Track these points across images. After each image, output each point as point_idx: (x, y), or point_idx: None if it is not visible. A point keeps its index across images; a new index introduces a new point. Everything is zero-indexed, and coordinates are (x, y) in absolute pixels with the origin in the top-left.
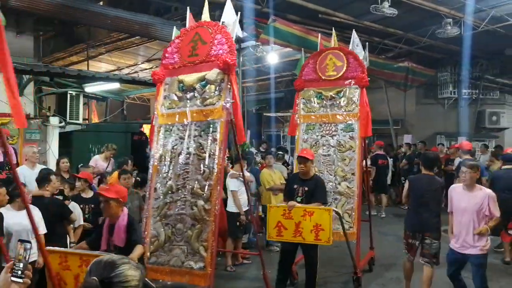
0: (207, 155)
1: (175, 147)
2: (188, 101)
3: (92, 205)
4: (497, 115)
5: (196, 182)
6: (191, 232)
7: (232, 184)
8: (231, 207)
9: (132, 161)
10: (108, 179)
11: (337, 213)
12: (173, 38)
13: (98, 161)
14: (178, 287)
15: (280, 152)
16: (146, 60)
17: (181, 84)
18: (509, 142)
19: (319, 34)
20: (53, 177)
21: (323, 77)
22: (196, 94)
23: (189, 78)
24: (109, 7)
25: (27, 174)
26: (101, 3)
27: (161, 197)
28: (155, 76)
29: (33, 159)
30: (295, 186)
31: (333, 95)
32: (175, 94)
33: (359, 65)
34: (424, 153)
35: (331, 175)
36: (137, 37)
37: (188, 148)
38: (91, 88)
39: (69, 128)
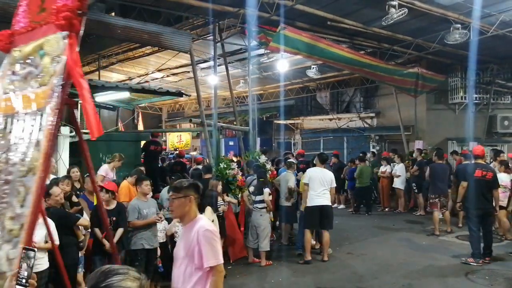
0: (26, 168)
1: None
2: (21, 81)
3: (114, 218)
4: (508, 120)
5: (10, 210)
6: None
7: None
8: None
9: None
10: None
11: None
12: None
13: (108, 171)
14: None
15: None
16: (157, 70)
17: (18, 57)
18: None
19: None
20: (54, 190)
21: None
22: (31, 70)
23: (27, 47)
24: (120, 17)
25: None
26: (112, 13)
27: None
28: None
29: (52, 169)
30: None
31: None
32: (13, 72)
33: None
34: (437, 149)
35: None
36: (148, 47)
37: (9, 156)
38: (102, 97)
39: None
